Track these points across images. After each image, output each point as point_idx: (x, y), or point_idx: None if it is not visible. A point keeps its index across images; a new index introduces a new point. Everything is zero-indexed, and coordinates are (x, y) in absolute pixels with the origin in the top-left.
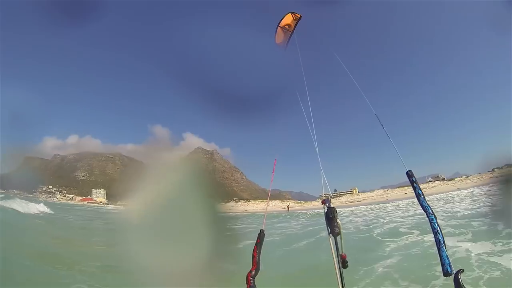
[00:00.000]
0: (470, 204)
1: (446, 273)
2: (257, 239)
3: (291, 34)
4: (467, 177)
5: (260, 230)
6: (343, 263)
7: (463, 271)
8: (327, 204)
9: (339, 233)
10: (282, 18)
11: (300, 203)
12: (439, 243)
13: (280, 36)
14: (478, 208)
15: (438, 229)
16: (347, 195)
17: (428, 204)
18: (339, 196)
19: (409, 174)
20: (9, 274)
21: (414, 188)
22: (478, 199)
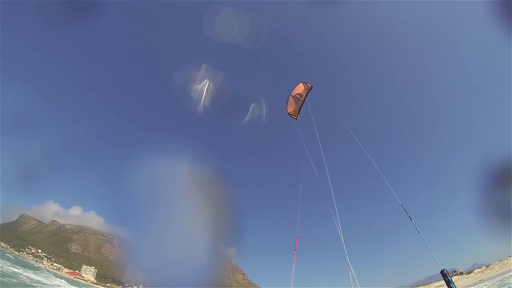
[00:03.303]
0: None
1: None
2: None
3: (302, 103)
4: (487, 266)
5: None
6: None
7: None
8: None
9: None
10: (294, 88)
11: None
12: None
13: (292, 105)
14: None
15: None
16: None
17: None
18: None
19: (444, 273)
20: None
21: None
22: None
